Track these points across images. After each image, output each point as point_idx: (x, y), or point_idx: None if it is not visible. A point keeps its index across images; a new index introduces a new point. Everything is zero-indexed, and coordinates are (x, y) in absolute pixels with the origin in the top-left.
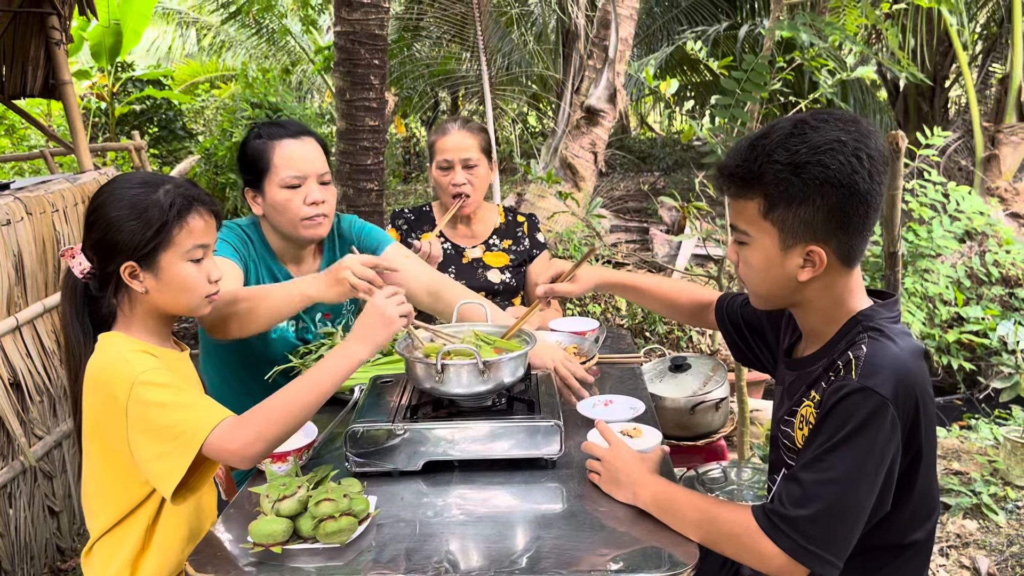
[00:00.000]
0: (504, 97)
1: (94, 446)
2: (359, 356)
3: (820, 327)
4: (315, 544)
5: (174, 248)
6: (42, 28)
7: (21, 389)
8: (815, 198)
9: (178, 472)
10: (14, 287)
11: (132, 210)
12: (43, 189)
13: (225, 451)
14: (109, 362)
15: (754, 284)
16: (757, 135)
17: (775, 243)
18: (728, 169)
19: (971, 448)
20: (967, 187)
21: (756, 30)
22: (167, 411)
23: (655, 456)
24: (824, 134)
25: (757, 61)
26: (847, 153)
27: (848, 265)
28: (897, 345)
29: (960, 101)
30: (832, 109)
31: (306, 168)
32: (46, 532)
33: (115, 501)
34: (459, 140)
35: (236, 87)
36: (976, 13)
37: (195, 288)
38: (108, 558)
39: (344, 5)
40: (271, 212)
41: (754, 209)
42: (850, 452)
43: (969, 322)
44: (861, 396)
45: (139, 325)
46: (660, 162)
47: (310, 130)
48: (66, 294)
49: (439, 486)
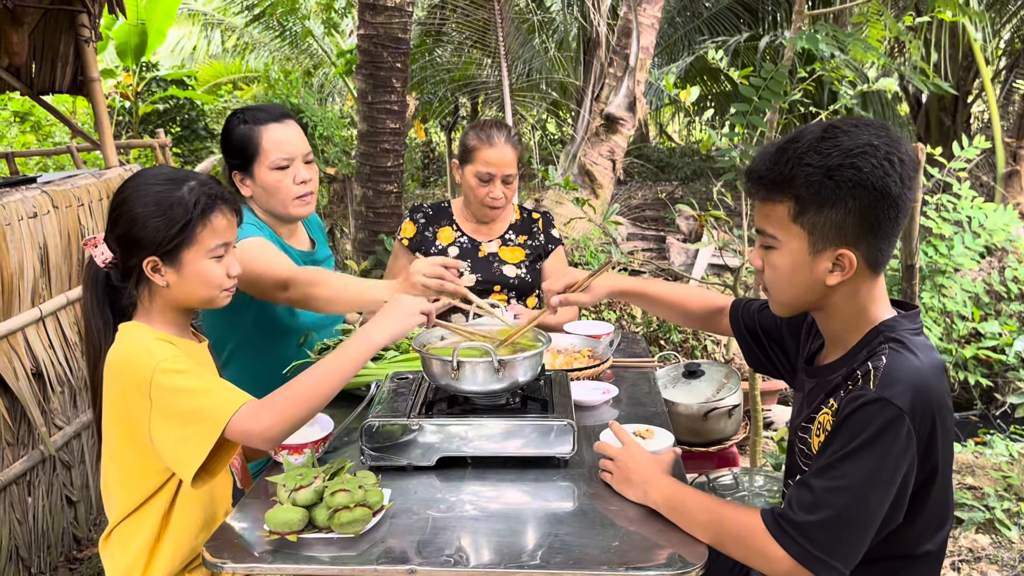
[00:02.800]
0: (524, 103)
1: (114, 433)
2: (376, 341)
3: (843, 334)
4: (330, 534)
5: (197, 246)
6: (72, 25)
7: (43, 379)
8: (847, 200)
9: (200, 455)
10: (39, 279)
11: (157, 207)
12: (69, 183)
13: (249, 432)
14: (130, 350)
15: (779, 288)
16: (786, 139)
17: (804, 247)
18: (757, 172)
19: (986, 463)
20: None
21: (777, 41)
22: (189, 396)
23: (667, 458)
24: (856, 138)
25: (776, 70)
26: (880, 157)
27: (875, 271)
28: (918, 358)
29: (983, 116)
30: (862, 117)
31: (292, 150)
32: (63, 521)
33: (133, 488)
34: (503, 155)
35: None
36: (1000, 29)
37: (215, 283)
38: (126, 544)
39: (368, 8)
40: (261, 194)
41: (784, 212)
42: (863, 461)
43: (986, 338)
44: (878, 406)
45: (159, 316)
46: (679, 171)
47: (290, 113)
48: (87, 283)
49: (452, 482)
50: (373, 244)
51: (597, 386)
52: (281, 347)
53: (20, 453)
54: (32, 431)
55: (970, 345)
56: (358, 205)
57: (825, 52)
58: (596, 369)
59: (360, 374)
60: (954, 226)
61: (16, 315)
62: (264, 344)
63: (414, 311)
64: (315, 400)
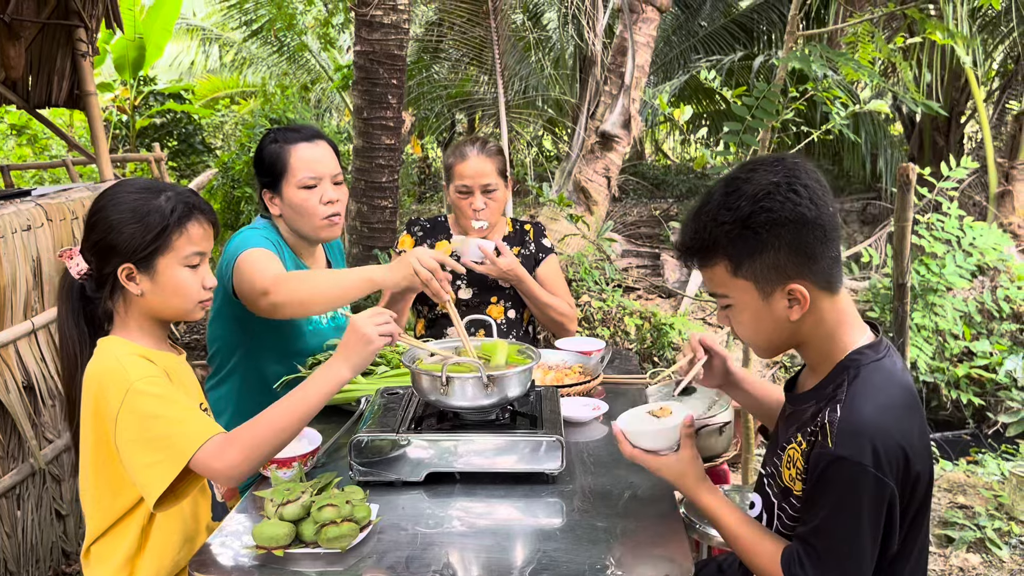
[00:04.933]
0: (520, 120)
1: (91, 448)
2: (341, 375)
3: (818, 364)
4: (316, 549)
5: (172, 253)
6: (69, 40)
7: (34, 392)
8: (772, 241)
9: (162, 483)
10: (32, 291)
11: (133, 214)
12: (64, 196)
13: (211, 469)
14: (106, 367)
15: (751, 339)
16: (698, 205)
17: (755, 295)
18: (684, 245)
19: (977, 482)
20: (983, 223)
21: (771, 60)
22: (158, 423)
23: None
24: (756, 183)
25: (769, 89)
26: (783, 192)
27: (832, 290)
28: (875, 402)
29: (976, 137)
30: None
31: (321, 169)
32: (52, 535)
33: (110, 503)
34: (478, 166)
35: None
36: (992, 51)
37: (189, 293)
38: (105, 559)
39: (364, 25)
40: (289, 212)
41: (723, 272)
42: (843, 519)
43: (978, 356)
44: (837, 467)
45: (135, 327)
46: (673, 189)
47: (322, 133)
48: (62, 295)
49: (440, 497)
50: (367, 259)
51: (587, 402)
52: (286, 370)
53: (10, 466)
54: (22, 444)
55: (962, 364)
56: (353, 220)
57: (818, 72)
58: (587, 385)
59: (350, 389)
60: (945, 245)
61: (8, 328)
62: (270, 365)
63: (372, 338)
64: (279, 437)
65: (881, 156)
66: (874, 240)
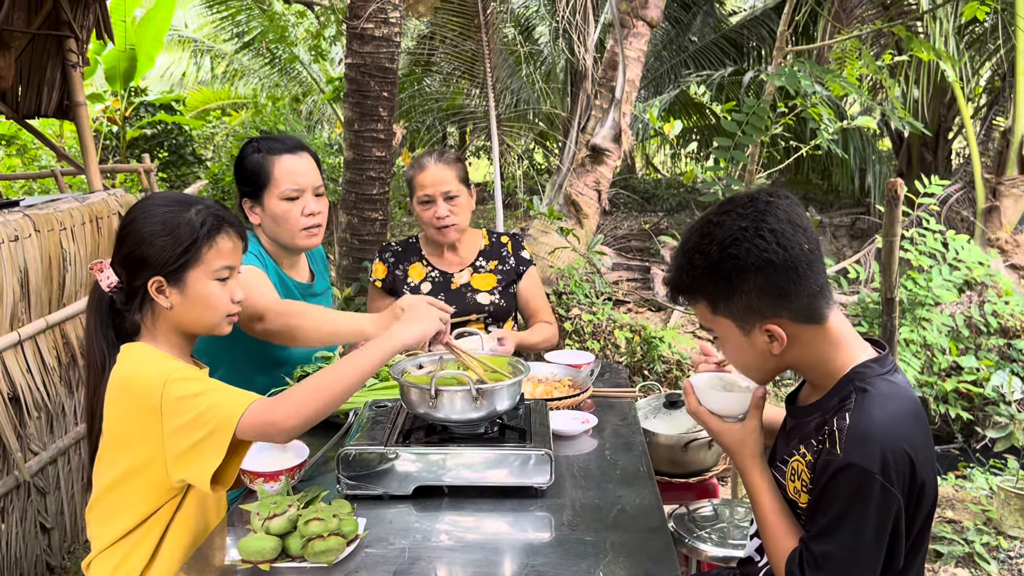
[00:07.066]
0: (511, 133)
1: (117, 454)
2: (401, 341)
3: (818, 380)
4: (303, 563)
5: (202, 266)
6: (59, 50)
7: (20, 404)
8: (742, 286)
9: (216, 457)
10: (18, 302)
11: (164, 227)
12: (52, 207)
13: (264, 424)
14: (138, 367)
15: (741, 369)
16: (680, 244)
17: (736, 331)
18: (671, 283)
19: (965, 497)
20: (965, 236)
21: (760, 76)
22: (201, 399)
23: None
24: (726, 228)
25: (758, 105)
26: (750, 237)
27: (816, 323)
28: (885, 407)
29: (963, 152)
30: (735, 194)
31: (304, 181)
32: (37, 548)
33: (127, 512)
34: (437, 174)
35: (247, 115)
36: (979, 68)
37: (218, 307)
38: (112, 570)
39: (356, 38)
40: (269, 222)
41: (704, 310)
42: (848, 527)
43: (966, 371)
44: (846, 474)
45: (163, 341)
46: (664, 202)
47: (305, 145)
48: (92, 306)
49: (429, 511)
50: (357, 271)
51: (577, 416)
52: (272, 381)
53: None
54: (7, 456)
55: (950, 378)
56: (343, 232)
57: (807, 89)
58: (576, 399)
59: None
60: (930, 259)
61: None
62: (254, 376)
63: (434, 316)
64: (335, 394)
65: (870, 171)
66: (862, 255)
